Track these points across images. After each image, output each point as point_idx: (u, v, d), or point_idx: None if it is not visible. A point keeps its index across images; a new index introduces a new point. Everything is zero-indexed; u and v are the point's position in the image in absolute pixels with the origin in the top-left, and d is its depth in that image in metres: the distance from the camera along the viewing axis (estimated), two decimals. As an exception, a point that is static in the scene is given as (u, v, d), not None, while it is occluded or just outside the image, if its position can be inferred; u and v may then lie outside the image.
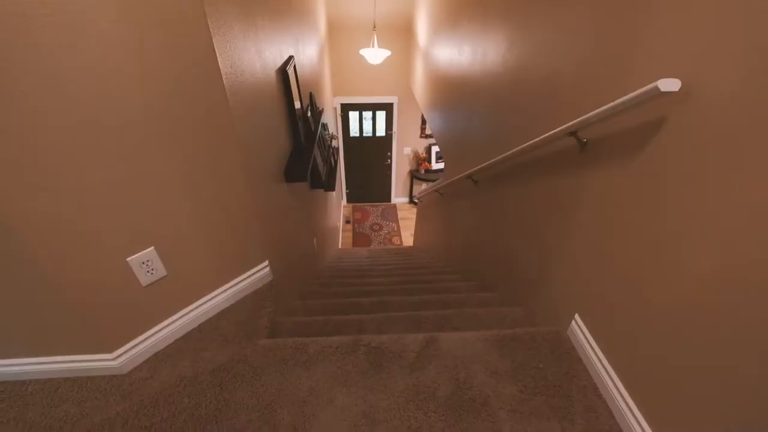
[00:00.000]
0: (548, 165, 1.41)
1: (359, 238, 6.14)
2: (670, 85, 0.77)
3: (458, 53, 2.74)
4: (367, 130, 6.38)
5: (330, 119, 5.03)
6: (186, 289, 1.26)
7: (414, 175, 6.75)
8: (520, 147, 1.47)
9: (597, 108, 0.99)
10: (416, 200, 5.72)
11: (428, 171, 6.59)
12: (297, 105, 2.15)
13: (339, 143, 6.21)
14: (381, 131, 6.40)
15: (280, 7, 1.93)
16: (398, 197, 7.17)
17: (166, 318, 1.22)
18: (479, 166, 2.02)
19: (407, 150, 6.64)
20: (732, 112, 0.68)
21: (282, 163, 1.78)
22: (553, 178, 1.37)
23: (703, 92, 0.74)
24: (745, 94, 0.66)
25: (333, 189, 3.62)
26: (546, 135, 1.26)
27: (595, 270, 1.11)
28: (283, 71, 1.86)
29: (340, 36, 5.24)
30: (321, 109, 3.02)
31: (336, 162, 4.15)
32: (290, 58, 2.06)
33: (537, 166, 1.50)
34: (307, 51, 2.83)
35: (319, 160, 2.78)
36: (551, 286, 1.37)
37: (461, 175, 2.39)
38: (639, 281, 0.93)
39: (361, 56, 4.71)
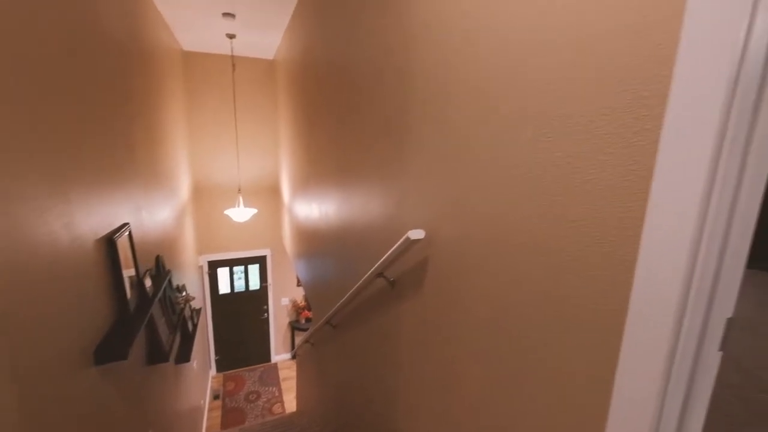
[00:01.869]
0: (378, 303, 1.54)
1: (231, 416, 5.08)
2: (417, 234, 1.01)
3: (310, 210, 3.08)
4: (240, 286, 6.07)
5: (193, 279, 4.68)
6: None
7: (294, 326, 6.39)
8: (351, 291, 1.60)
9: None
10: (295, 354, 5.28)
11: (309, 320, 6.35)
12: (131, 272, 1.99)
13: (206, 304, 5.67)
14: (255, 285, 6.16)
15: (113, 179, 1.95)
16: (279, 354, 6.51)
17: None
18: (330, 312, 2.07)
19: (285, 300, 6.42)
20: (451, 249, 0.92)
21: (94, 341, 1.51)
22: (382, 315, 1.49)
23: (438, 238, 0.99)
24: (455, 239, 0.91)
25: (187, 360, 3.12)
26: (364, 278, 1.42)
27: (419, 401, 1.14)
28: (109, 240, 1.76)
29: (207, 198, 5.40)
30: (168, 270, 2.83)
31: (196, 327, 3.70)
32: (124, 225, 2.00)
33: (372, 305, 1.62)
34: (155, 216, 2.79)
35: (161, 328, 2.45)
36: (401, 428, 1.33)
37: (320, 322, 2.38)
38: (447, 405, 0.98)
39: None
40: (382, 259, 1.20)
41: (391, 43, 1.24)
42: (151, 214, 2.69)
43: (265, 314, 6.28)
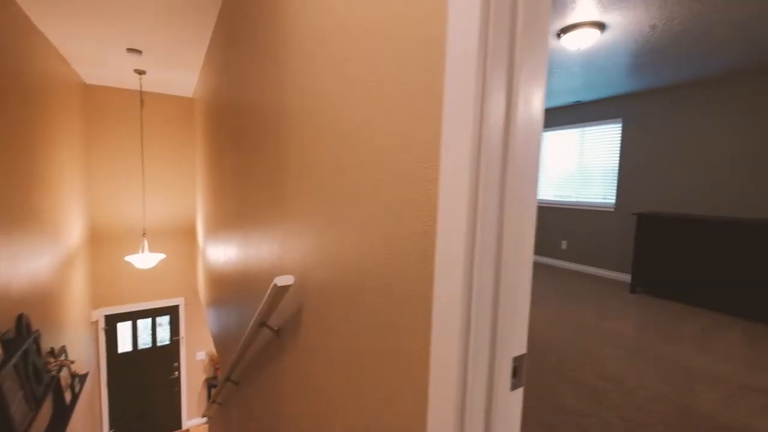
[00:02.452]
0: (268, 356, 1.43)
1: (124, 504, 4.23)
2: (284, 280, 0.97)
3: (218, 253, 2.88)
4: (145, 342, 5.34)
5: (82, 339, 4.01)
6: None
7: (211, 384, 5.71)
8: (241, 342, 1.47)
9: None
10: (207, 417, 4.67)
11: (229, 374, 5.74)
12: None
13: (99, 367, 4.87)
14: (164, 339, 5.47)
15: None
16: (192, 418, 5.72)
17: None
18: (228, 367, 1.88)
19: (201, 354, 5.77)
20: (318, 296, 0.89)
21: None
22: (272, 367, 1.38)
23: (309, 284, 0.96)
24: (321, 285, 0.88)
25: (57, 440, 2.58)
26: (249, 327, 1.32)
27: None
28: (-69, 300, 1.44)
29: (108, 243, 4.81)
30: (35, 331, 2.38)
31: (77, 397, 3.11)
32: (-37, 281, 1.66)
33: (264, 358, 1.50)
34: (20, 267, 2.39)
35: (15, 405, 2.02)
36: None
37: (221, 380, 2.15)
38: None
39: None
40: (260, 307, 1.13)
41: (274, 88, 1.26)
42: (14, 265, 2.30)
43: (176, 372, 5.55)
